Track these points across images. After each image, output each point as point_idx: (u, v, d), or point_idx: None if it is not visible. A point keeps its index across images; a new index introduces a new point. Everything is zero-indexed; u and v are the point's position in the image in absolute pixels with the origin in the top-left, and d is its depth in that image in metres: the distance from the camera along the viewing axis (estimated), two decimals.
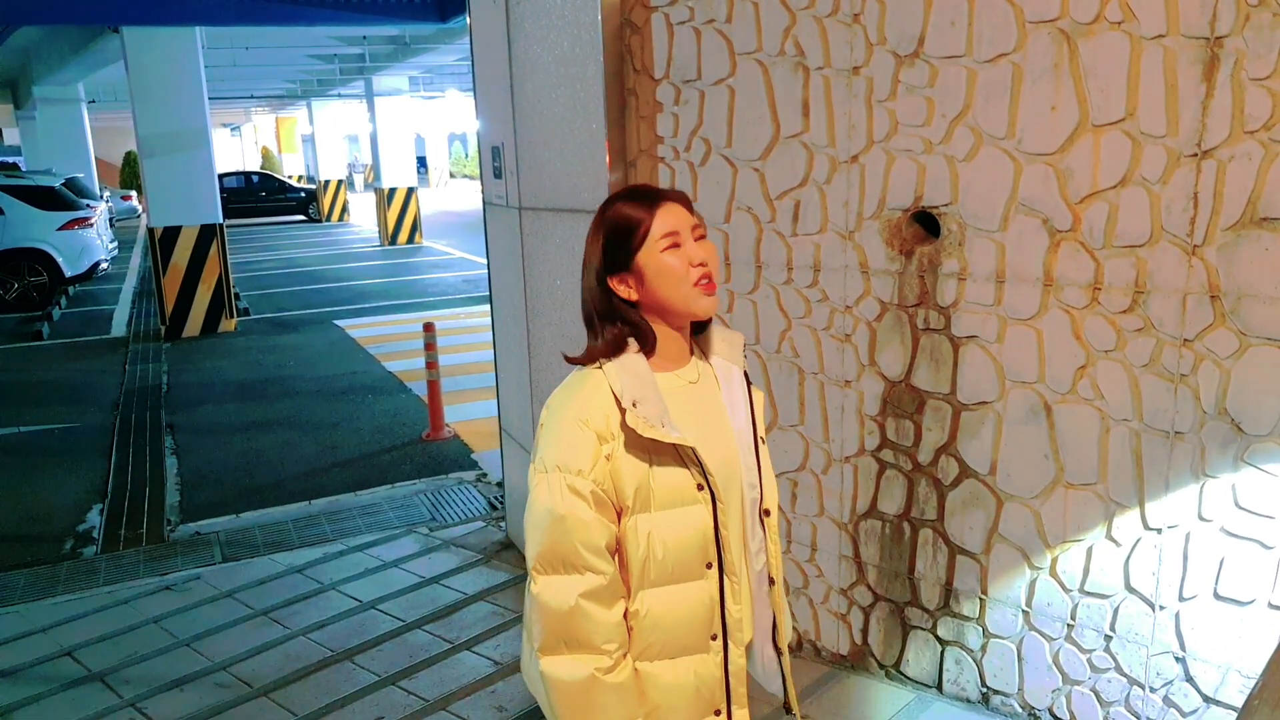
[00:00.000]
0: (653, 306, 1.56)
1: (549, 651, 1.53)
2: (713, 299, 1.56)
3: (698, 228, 1.57)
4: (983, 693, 2.95)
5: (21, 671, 3.54)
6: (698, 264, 1.53)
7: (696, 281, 1.53)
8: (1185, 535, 2.48)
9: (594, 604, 1.51)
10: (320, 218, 26.34)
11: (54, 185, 13.67)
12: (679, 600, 1.58)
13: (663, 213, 1.54)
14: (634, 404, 1.51)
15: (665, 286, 1.53)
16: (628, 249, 1.54)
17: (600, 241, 1.57)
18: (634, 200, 1.56)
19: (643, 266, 1.54)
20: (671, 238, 1.53)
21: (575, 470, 1.50)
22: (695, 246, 1.55)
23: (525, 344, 3.99)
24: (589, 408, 1.52)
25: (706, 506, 1.57)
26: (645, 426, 1.50)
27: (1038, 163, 2.53)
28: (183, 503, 5.47)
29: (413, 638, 3.65)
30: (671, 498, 1.55)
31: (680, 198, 1.59)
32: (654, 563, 1.55)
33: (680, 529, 1.55)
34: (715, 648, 1.62)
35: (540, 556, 1.53)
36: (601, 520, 1.51)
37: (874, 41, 2.74)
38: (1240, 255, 2.27)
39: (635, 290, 1.55)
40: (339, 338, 10.25)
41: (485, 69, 4.06)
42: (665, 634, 1.58)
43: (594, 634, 1.51)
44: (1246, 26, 2.17)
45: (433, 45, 15.17)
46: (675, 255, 1.53)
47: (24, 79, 21.78)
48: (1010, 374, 2.69)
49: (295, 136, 44.80)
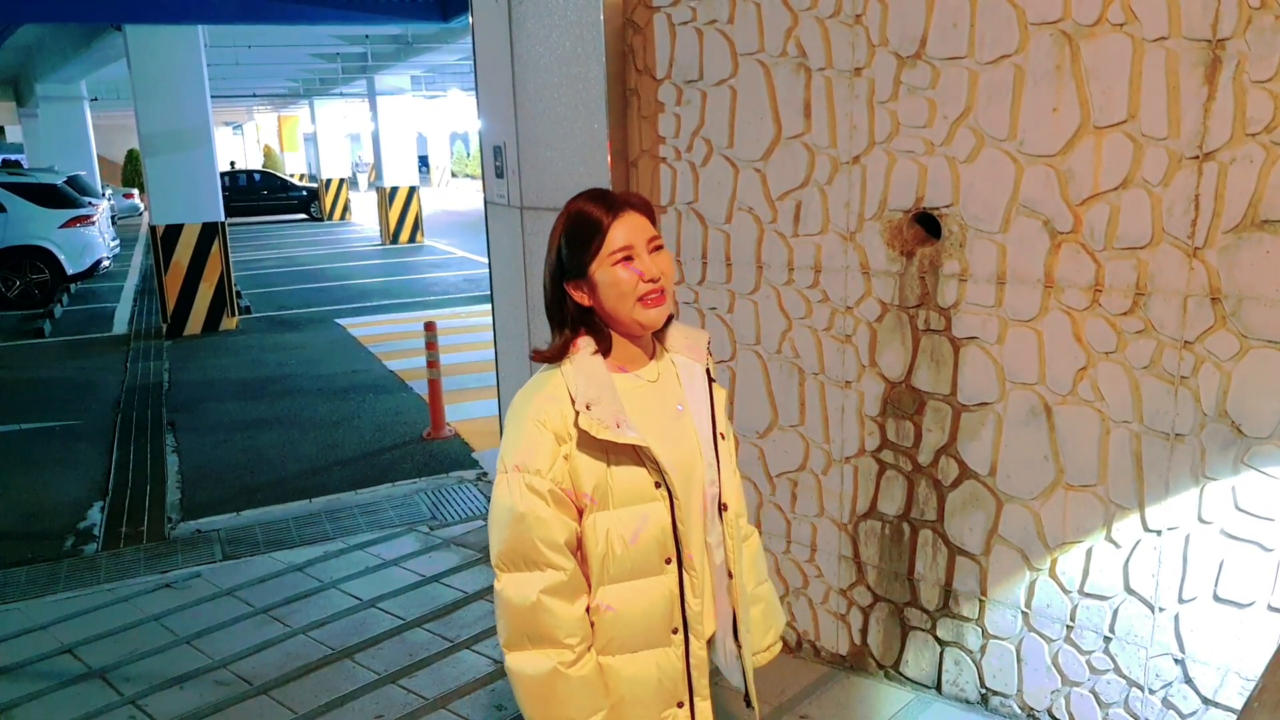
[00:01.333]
0: (604, 314, 1.61)
1: (513, 647, 1.59)
2: (659, 310, 1.59)
3: (654, 239, 1.61)
4: (982, 694, 2.95)
5: (22, 668, 3.54)
6: (649, 279, 1.57)
7: (643, 296, 1.57)
8: (1185, 537, 2.48)
9: (555, 599, 1.56)
10: (322, 216, 26.34)
11: (56, 183, 13.69)
12: (639, 595, 1.62)
13: (620, 223, 1.57)
14: (587, 406, 1.55)
15: (612, 299, 1.58)
16: (582, 258, 1.58)
17: (558, 243, 1.61)
18: (595, 203, 1.59)
19: (595, 277, 1.58)
20: (624, 251, 1.56)
21: (534, 470, 1.54)
22: (649, 260, 1.58)
23: (526, 343, 3.99)
24: (546, 409, 1.57)
25: (664, 503, 1.61)
26: (598, 428, 1.54)
27: (1039, 164, 2.53)
28: (183, 500, 5.47)
29: (412, 636, 3.66)
30: (630, 495, 1.59)
31: (642, 206, 1.62)
32: (613, 559, 1.60)
33: (637, 526, 1.60)
34: (676, 641, 1.66)
35: (502, 554, 1.58)
36: (560, 517, 1.56)
37: (876, 43, 2.74)
38: (1241, 258, 2.27)
39: (588, 297, 1.60)
40: (340, 336, 10.25)
41: (487, 68, 4.07)
42: (627, 628, 1.63)
43: (556, 629, 1.56)
44: (1249, 29, 2.18)
45: (435, 44, 15.18)
46: (626, 269, 1.56)
47: (26, 76, 21.79)
48: (1011, 375, 2.69)
49: (297, 135, 44.82)
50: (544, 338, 4.10)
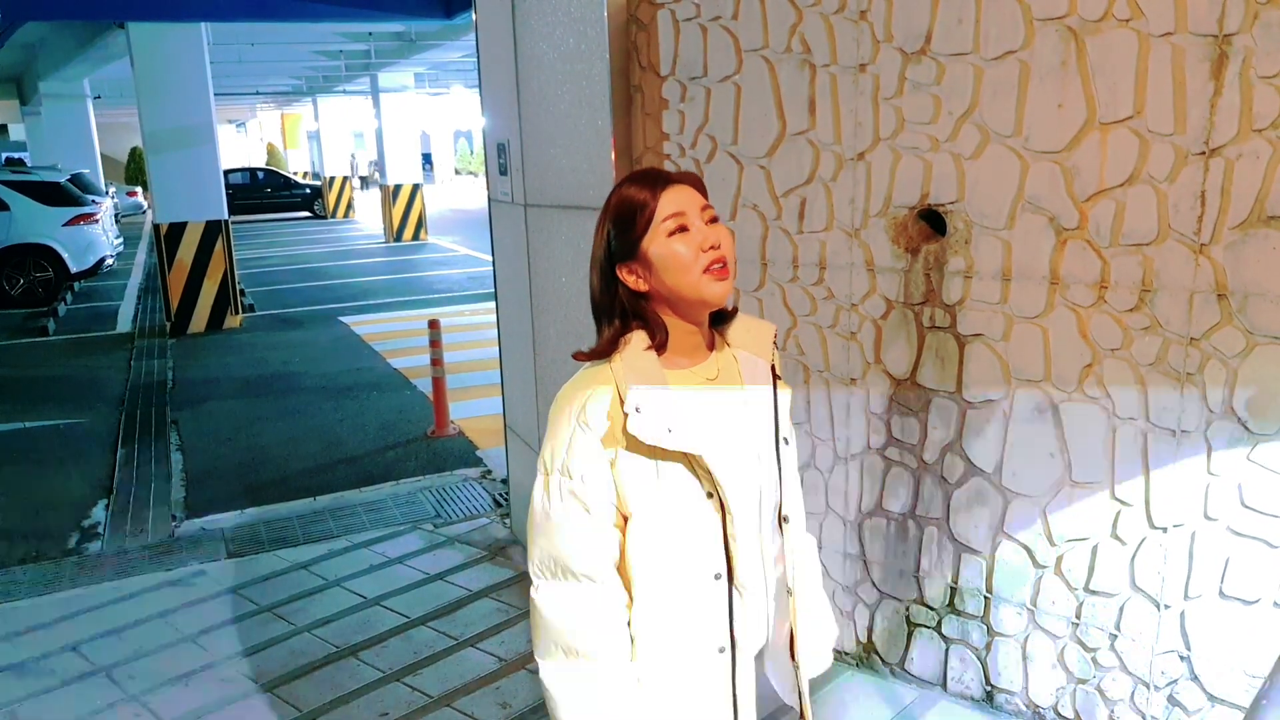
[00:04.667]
0: (663, 296, 1.48)
1: (547, 657, 1.50)
2: (725, 284, 1.46)
3: (708, 209, 1.48)
4: (987, 691, 2.95)
5: (27, 666, 3.55)
6: (709, 248, 1.44)
7: (708, 267, 1.44)
8: (1191, 534, 2.47)
9: (592, 612, 1.47)
10: (325, 214, 26.36)
11: (59, 181, 13.68)
12: (684, 611, 1.51)
13: (669, 194, 1.46)
14: (636, 409, 1.42)
15: (673, 273, 1.44)
16: (633, 235, 1.46)
17: (605, 228, 1.49)
18: (639, 183, 1.48)
19: (649, 254, 1.45)
20: (677, 218, 1.44)
21: (576, 477, 1.45)
22: (706, 229, 1.46)
23: (530, 341, 3.99)
24: (592, 409, 1.45)
25: (715, 515, 1.49)
26: (648, 434, 1.42)
27: (1044, 160, 2.52)
28: (188, 498, 5.47)
29: (417, 634, 3.66)
30: (679, 504, 1.48)
31: (690, 179, 1.51)
32: (659, 571, 1.50)
33: (686, 540, 1.49)
34: (723, 660, 1.54)
35: (539, 561, 1.50)
36: (602, 528, 1.46)
37: (881, 39, 2.73)
38: (1248, 254, 2.26)
39: (644, 280, 1.47)
40: (344, 334, 10.26)
41: (491, 66, 4.06)
42: (669, 644, 1.52)
43: (592, 641, 1.46)
44: (1255, 24, 2.17)
45: (438, 42, 15.17)
46: (683, 240, 1.44)
47: (30, 75, 21.81)
48: (1016, 372, 2.69)
49: (300, 133, 44.84)
50: (547, 334, 4.09)
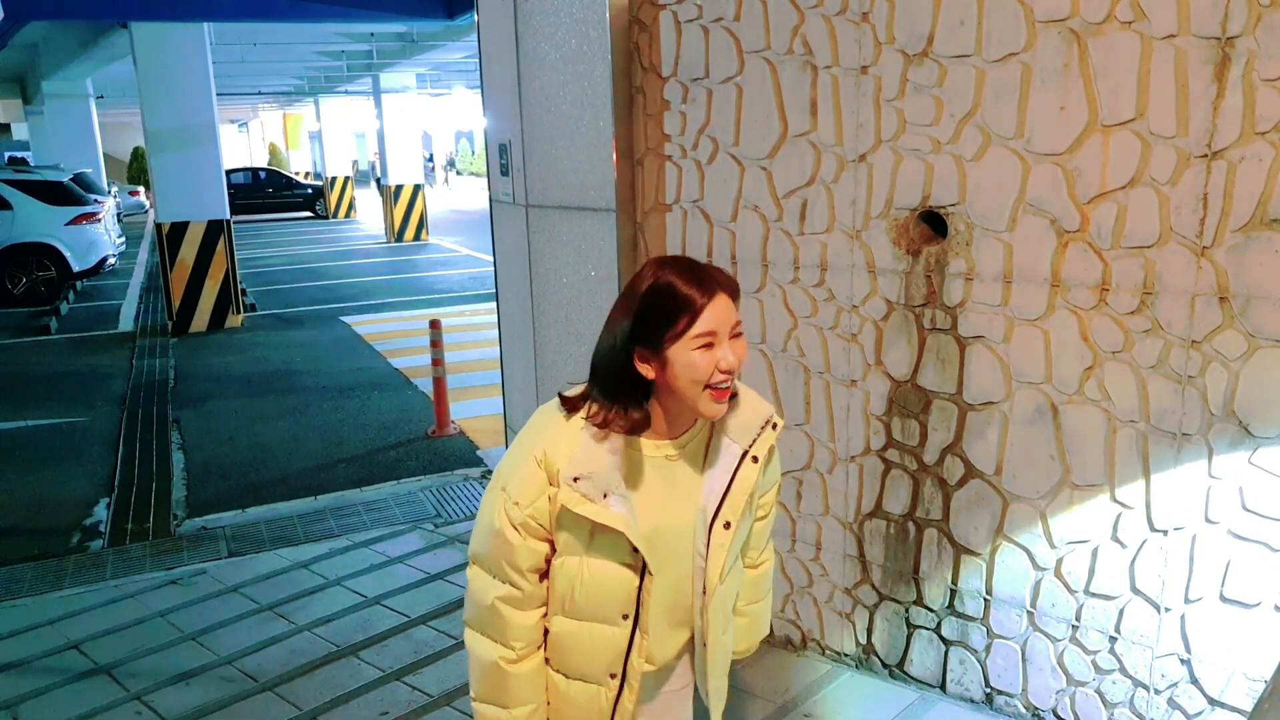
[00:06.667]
0: (665, 391, 1.58)
1: (471, 625, 1.71)
2: (722, 405, 1.57)
3: (737, 325, 1.55)
4: (986, 693, 2.95)
5: (28, 664, 3.55)
6: (725, 369, 1.52)
7: (713, 384, 1.53)
8: (1191, 537, 2.47)
9: (510, 609, 1.65)
10: (327, 214, 26.37)
11: (62, 180, 13.70)
12: (589, 637, 1.67)
13: (713, 308, 1.51)
14: (575, 479, 1.56)
15: (684, 380, 1.53)
16: (664, 334, 1.51)
17: (639, 310, 1.53)
18: (689, 281, 1.51)
19: (670, 356, 1.52)
20: (709, 337, 1.51)
21: (514, 500, 1.59)
22: (729, 348, 1.53)
23: (531, 341, 3.99)
24: (551, 452, 1.58)
25: (635, 571, 1.63)
26: (577, 502, 1.56)
27: (1046, 163, 2.52)
28: (189, 497, 5.48)
29: (417, 633, 3.66)
30: (606, 554, 1.61)
31: (731, 287, 1.55)
32: (574, 600, 1.65)
33: (605, 581, 1.63)
34: (611, 685, 1.70)
35: (474, 552, 1.68)
36: (528, 546, 1.61)
37: (882, 40, 2.73)
38: (1250, 257, 2.26)
39: (654, 371, 1.55)
40: (345, 334, 10.27)
41: (493, 66, 4.06)
42: (570, 658, 1.69)
43: (505, 632, 1.66)
44: (1258, 26, 2.17)
45: (440, 42, 15.17)
46: (705, 355, 1.51)
47: (33, 74, 21.81)
48: (1017, 374, 2.69)
49: (302, 133, 44.87)
50: (548, 335, 4.09)
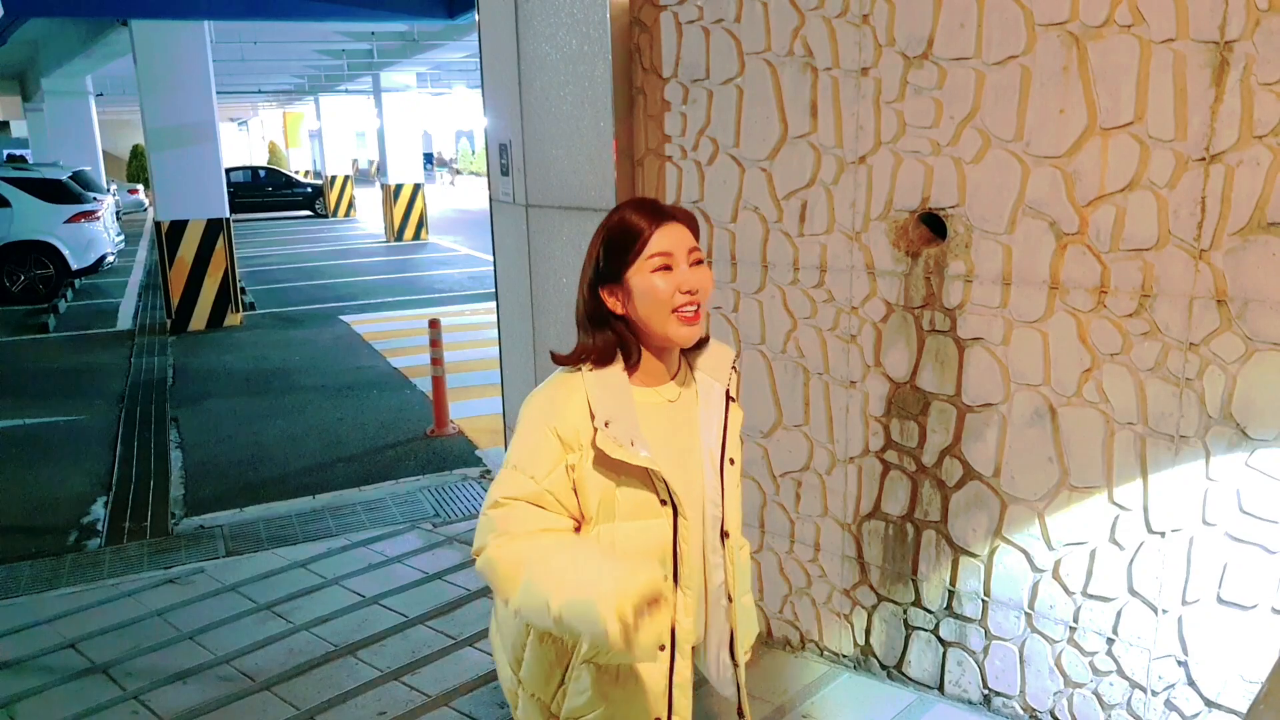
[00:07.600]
0: (636, 323, 1.58)
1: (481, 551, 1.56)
2: (693, 328, 1.57)
3: (695, 251, 1.58)
4: (984, 694, 2.95)
5: (25, 663, 3.55)
6: (685, 291, 1.54)
7: (679, 308, 1.54)
8: (1189, 539, 2.47)
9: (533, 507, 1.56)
10: (327, 213, 26.36)
11: (61, 178, 13.68)
12: None
13: (663, 231, 1.55)
14: (606, 423, 1.54)
15: (647, 306, 1.55)
16: (621, 262, 1.56)
17: (598, 247, 1.59)
18: (639, 211, 1.57)
19: (630, 283, 1.55)
20: (664, 258, 1.54)
21: (530, 474, 1.56)
22: (689, 272, 1.56)
23: (531, 341, 3.99)
24: (562, 416, 1.56)
25: (668, 521, 1.61)
26: (614, 447, 1.54)
27: (1045, 165, 2.53)
28: (187, 496, 5.48)
29: (415, 633, 3.66)
30: (635, 511, 1.60)
31: (686, 218, 1.60)
32: None
33: (640, 541, 1.60)
34: (662, 657, 1.65)
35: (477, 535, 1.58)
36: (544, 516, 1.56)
37: (883, 42, 2.73)
38: (1247, 260, 2.27)
39: (622, 304, 1.58)
40: (344, 333, 10.26)
41: (493, 66, 4.06)
42: None
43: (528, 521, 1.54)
44: (1257, 31, 2.17)
45: (441, 42, 15.18)
46: (664, 278, 1.54)
47: (32, 71, 21.81)
48: (1015, 376, 2.69)
49: (302, 131, 44.86)
50: (547, 335, 4.10)
